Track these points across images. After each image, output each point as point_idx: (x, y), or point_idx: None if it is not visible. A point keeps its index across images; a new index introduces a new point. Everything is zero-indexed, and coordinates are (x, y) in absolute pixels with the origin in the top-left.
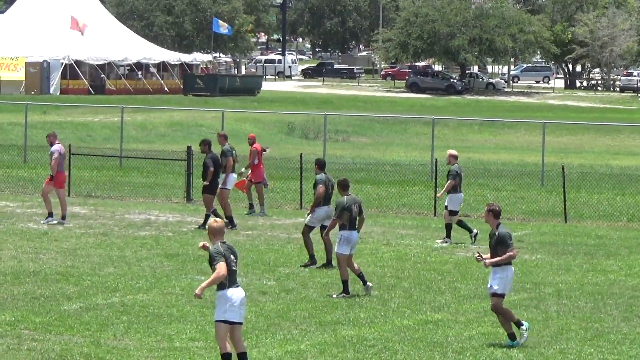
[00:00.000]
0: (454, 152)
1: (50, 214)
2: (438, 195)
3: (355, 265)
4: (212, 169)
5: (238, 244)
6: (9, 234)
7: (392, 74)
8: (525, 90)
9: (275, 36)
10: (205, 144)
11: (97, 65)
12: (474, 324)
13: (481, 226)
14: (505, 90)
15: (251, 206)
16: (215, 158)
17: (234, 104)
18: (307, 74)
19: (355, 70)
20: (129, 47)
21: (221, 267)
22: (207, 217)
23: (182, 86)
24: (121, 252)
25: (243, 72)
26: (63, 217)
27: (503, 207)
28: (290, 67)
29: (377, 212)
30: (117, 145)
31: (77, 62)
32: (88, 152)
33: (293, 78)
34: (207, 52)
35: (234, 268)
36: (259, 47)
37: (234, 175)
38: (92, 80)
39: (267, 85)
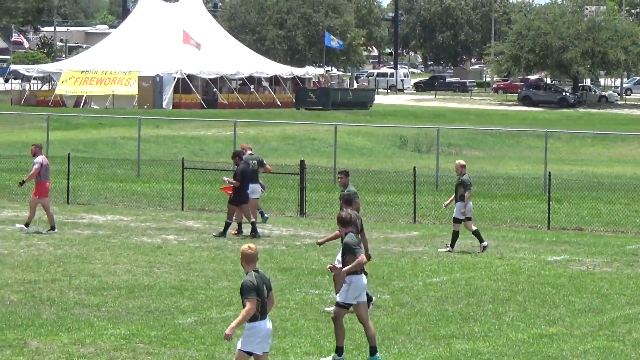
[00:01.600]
0: (463, 162)
1: (27, 225)
2: (445, 204)
3: None
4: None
5: None
6: (124, 247)
7: (504, 87)
8: (638, 103)
9: (387, 50)
10: (236, 156)
11: (209, 79)
12: (589, 338)
13: (607, 240)
14: (618, 103)
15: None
16: (244, 170)
17: (347, 117)
18: (419, 87)
19: (467, 84)
20: (241, 61)
21: (252, 305)
22: (227, 225)
23: (294, 100)
24: (235, 266)
25: (355, 85)
26: (52, 228)
27: (617, 220)
28: (402, 80)
29: (490, 226)
30: (230, 159)
31: (189, 76)
32: (201, 166)
33: (405, 91)
34: (319, 66)
35: (265, 300)
36: (370, 60)
37: (257, 186)
38: (205, 94)
39: (380, 99)
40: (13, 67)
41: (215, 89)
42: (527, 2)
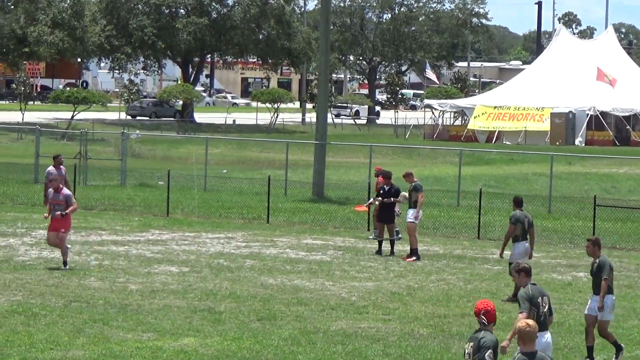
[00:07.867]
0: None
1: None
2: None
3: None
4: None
5: None
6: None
7: None
8: None
9: None
10: (384, 177)
11: (622, 116)
12: None
13: None
14: None
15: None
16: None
17: None
18: None
19: None
20: None
21: None
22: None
23: None
24: None
25: None
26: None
27: None
28: None
29: None
30: None
31: (602, 113)
32: (612, 203)
33: None
34: None
35: None
36: None
37: (421, 211)
38: (617, 131)
39: None
40: (426, 101)
41: (628, 126)
42: None
